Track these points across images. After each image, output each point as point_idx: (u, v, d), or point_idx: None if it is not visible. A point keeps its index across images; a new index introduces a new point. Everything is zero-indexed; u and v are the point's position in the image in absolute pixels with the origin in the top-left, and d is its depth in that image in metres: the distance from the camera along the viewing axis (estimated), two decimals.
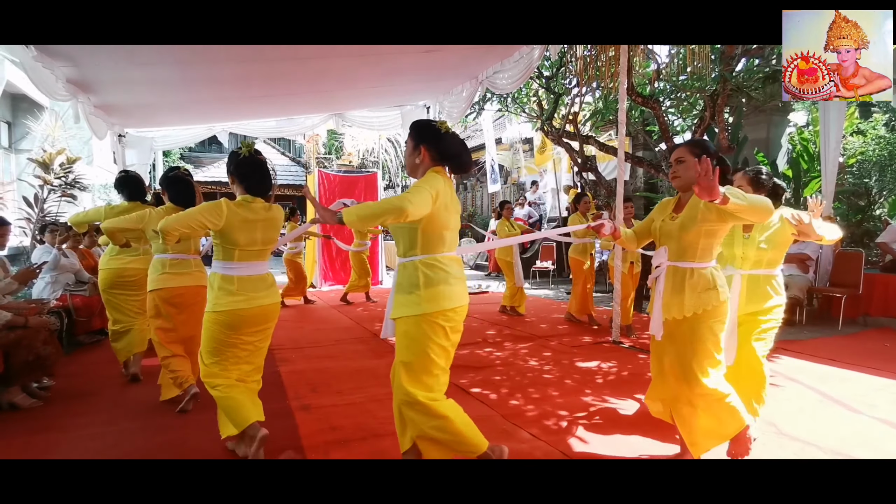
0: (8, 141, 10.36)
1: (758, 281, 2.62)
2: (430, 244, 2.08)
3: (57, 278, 4.95)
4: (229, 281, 2.44)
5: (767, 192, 2.58)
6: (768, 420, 2.93)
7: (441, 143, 2.15)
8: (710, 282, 2.22)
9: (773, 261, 2.64)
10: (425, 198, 1.95)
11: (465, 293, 2.18)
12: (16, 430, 2.89)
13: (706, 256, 2.24)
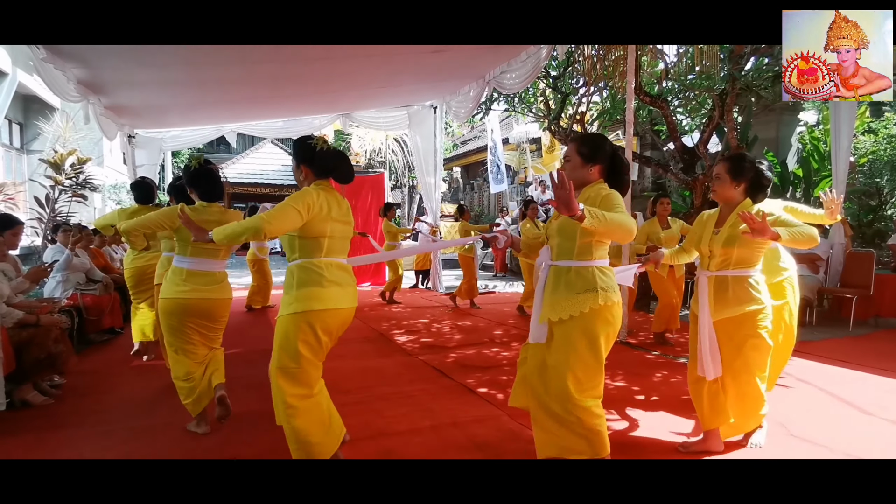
0: (20, 142, 10.48)
1: (725, 283, 2.42)
2: (307, 250, 2.23)
3: (68, 277, 4.99)
4: (179, 273, 2.76)
5: (749, 182, 2.42)
6: (778, 421, 2.91)
7: (317, 160, 2.32)
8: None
9: (744, 260, 2.41)
10: (287, 215, 2.12)
11: (345, 298, 2.27)
12: (28, 427, 2.92)
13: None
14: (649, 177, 10.38)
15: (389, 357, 4.55)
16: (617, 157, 2.18)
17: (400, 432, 2.83)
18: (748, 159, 2.48)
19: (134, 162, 8.03)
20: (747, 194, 2.45)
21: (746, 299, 2.39)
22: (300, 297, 2.18)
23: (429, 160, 8.86)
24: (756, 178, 2.42)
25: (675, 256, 2.76)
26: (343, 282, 2.29)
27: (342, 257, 2.33)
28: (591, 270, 2.07)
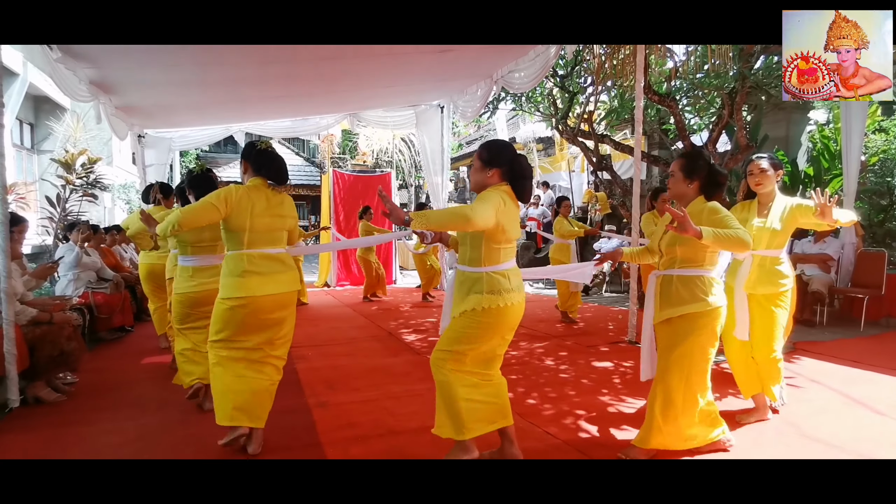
0: (30, 142, 10.57)
1: (670, 282, 2.42)
2: (231, 243, 2.53)
3: (79, 276, 5.04)
4: (186, 270, 3.18)
5: (703, 180, 2.36)
6: (790, 421, 2.90)
7: (252, 158, 2.62)
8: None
9: (689, 259, 2.37)
10: (203, 209, 2.44)
11: (267, 285, 2.49)
12: (41, 424, 2.95)
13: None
14: (657, 176, 10.33)
15: (398, 356, 4.56)
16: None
17: (410, 430, 2.83)
18: (703, 157, 2.43)
19: (144, 161, 8.08)
20: (701, 192, 2.39)
21: (689, 299, 2.30)
22: (224, 284, 2.51)
23: (436, 160, 8.86)
24: (710, 175, 2.37)
25: (638, 255, 2.74)
26: (268, 270, 2.52)
27: (270, 248, 2.56)
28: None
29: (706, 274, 2.33)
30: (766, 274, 2.82)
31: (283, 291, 2.55)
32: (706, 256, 2.33)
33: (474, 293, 2.18)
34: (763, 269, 2.82)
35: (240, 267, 2.48)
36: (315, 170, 19.86)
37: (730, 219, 2.24)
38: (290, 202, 2.69)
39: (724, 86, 6.09)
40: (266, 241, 2.54)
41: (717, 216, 2.26)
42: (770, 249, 2.84)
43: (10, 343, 3.05)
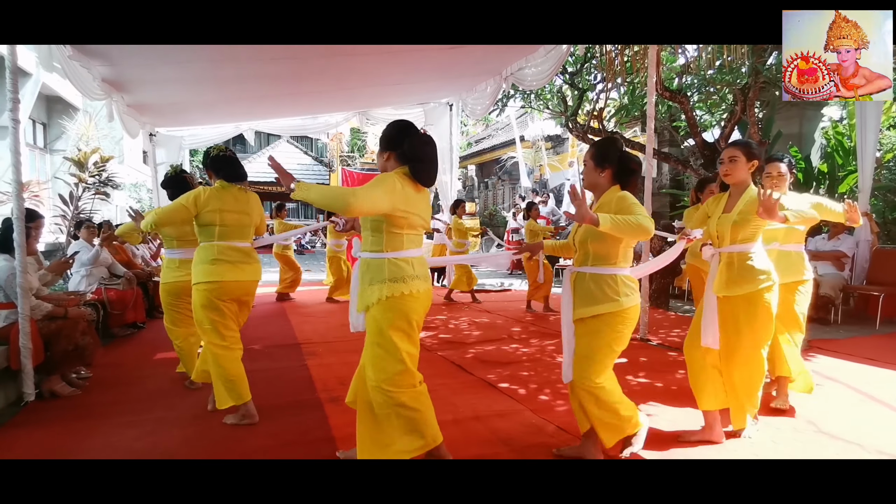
0: (43, 141, 10.69)
1: (583, 280, 2.33)
2: (203, 235, 2.92)
3: (91, 272, 5.08)
4: (173, 262, 3.42)
5: (616, 169, 2.27)
6: (808, 419, 2.86)
7: (210, 164, 3.02)
8: None
9: (601, 257, 2.27)
10: (175, 210, 2.87)
11: (233, 272, 2.86)
12: (57, 418, 2.97)
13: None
14: (667, 173, 10.27)
15: None
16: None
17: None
18: (615, 144, 2.31)
19: (155, 160, 8.14)
20: (615, 181, 2.28)
21: (601, 299, 2.20)
22: (196, 272, 2.85)
23: (444, 158, 8.84)
24: (622, 163, 2.26)
25: (560, 248, 2.69)
26: (235, 260, 2.89)
27: (238, 241, 2.94)
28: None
29: (619, 272, 2.22)
30: (737, 272, 2.53)
31: (247, 279, 2.93)
32: (619, 253, 2.21)
33: (376, 282, 2.09)
34: (731, 267, 2.55)
35: (210, 256, 2.85)
36: (323, 169, 19.94)
37: (636, 206, 2.15)
38: (255, 200, 3.08)
39: (737, 82, 6.04)
40: (234, 234, 2.92)
41: (625, 204, 2.16)
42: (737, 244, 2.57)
43: (25, 337, 3.08)
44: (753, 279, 2.48)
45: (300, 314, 6.52)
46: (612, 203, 2.21)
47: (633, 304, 2.22)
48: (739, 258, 2.52)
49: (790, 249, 3.02)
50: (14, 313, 3.16)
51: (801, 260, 3.03)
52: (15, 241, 3.10)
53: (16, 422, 2.91)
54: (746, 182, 2.58)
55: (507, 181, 17.24)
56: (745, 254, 2.51)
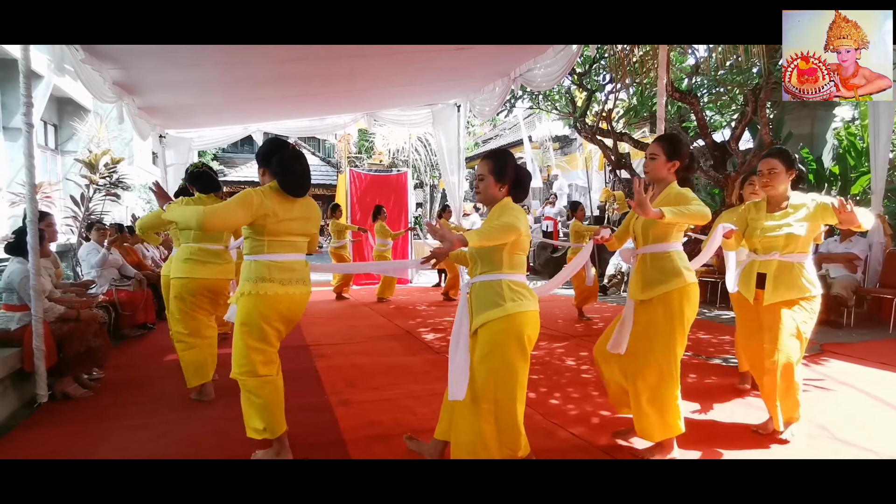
0: (54, 143, 10.78)
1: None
2: (183, 238, 3.37)
3: (102, 273, 5.13)
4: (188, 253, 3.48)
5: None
6: (821, 424, 2.83)
7: (188, 177, 3.58)
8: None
9: (489, 266, 2.24)
10: (152, 217, 3.46)
11: (201, 270, 3.27)
12: (71, 418, 3.00)
13: None
14: None
15: (416, 354, 4.55)
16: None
17: (432, 429, 2.80)
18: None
19: (165, 161, 8.20)
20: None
21: (487, 306, 2.10)
22: (174, 267, 3.35)
23: (452, 159, 8.84)
24: (517, 179, 2.22)
25: (461, 258, 2.62)
26: (205, 259, 3.30)
27: (209, 244, 3.32)
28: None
29: (504, 278, 2.11)
30: (650, 274, 2.44)
31: (215, 277, 3.33)
32: (503, 261, 2.12)
33: (243, 280, 2.39)
34: (645, 268, 2.47)
35: (184, 255, 3.31)
36: (331, 170, 19.98)
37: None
38: None
39: (748, 82, 5.99)
40: (207, 238, 3.30)
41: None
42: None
43: (38, 339, 3.10)
44: (667, 280, 2.34)
45: (308, 315, 6.52)
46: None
47: (519, 310, 2.08)
48: (653, 259, 2.41)
49: (791, 260, 2.60)
50: (27, 315, 3.19)
51: (802, 273, 2.59)
52: (28, 244, 3.13)
53: (29, 423, 2.94)
54: (667, 180, 2.46)
55: None
56: (658, 254, 2.39)
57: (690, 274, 2.38)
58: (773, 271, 2.62)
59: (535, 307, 2.14)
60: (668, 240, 2.40)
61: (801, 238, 2.58)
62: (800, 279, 2.59)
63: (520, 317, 2.08)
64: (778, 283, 2.61)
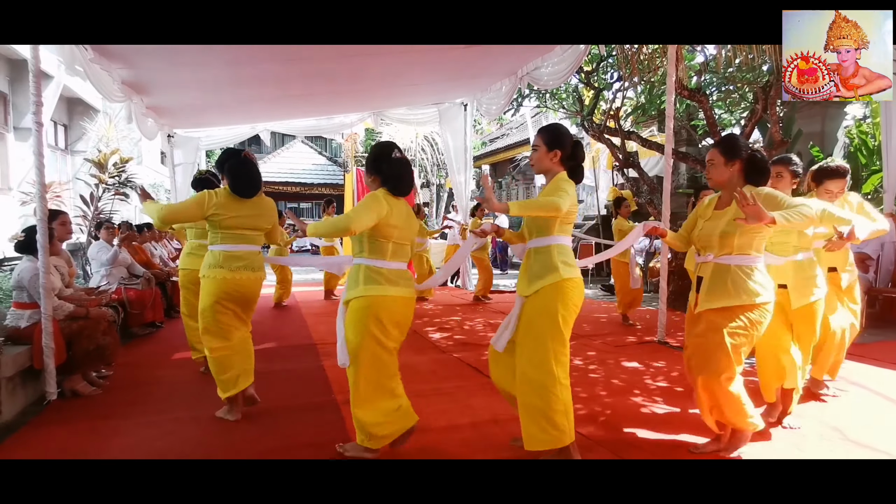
0: (64, 142, 10.87)
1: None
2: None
3: (111, 272, 5.16)
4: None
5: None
6: (833, 426, 2.79)
7: (194, 184, 3.87)
8: None
9: None
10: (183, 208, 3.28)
11: (199, 263, 3.23)
12: (80, 416, 3.01)
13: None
14: (684, 173, 10.13)
15: (423, 354, 4.54)
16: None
17: (440, 429, 2.82)
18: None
19: (173, 161, 8.24)
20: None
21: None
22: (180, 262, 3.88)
23: (459, 158, 8.83)
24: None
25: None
26: (202, 254, 3.30)
27: (205, 240, 3.35)
28: None
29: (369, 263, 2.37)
30: (534, 270, 2.40)
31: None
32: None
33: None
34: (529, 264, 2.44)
35: (187, 249, 3.83)
36: (337, 169, 20.03)
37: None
38: None
39: (758, 79, 5.93)
40: (205, 235, 3.34)
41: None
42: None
43: (48, 337, 3.13)
44: (544, 276, 2.28)
45: (316, 314, 6.54)
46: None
47: (370, 294, 2.36)
48: (535, 253, 2.36)
49: (727, 263, 2.32)
50: (37, 313, 3.21)
51: (742, 277, 2.29)
52: (38, 242, 3.15)
53: (38, 421, 2.96)
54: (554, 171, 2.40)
55: (521, 181, 17.16)
56: (541, 248, 2.34)
57: (569, 269, 2.27)
58: (707, 275, 2.36)
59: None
60: (551, 233, 2.31)
61: (736, 238, 2.26)
62: (739, 284, 2.25)
63: (367, 301, 2.34)
64: (710, 288, 2.33)
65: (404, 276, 2.44)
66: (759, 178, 2.35)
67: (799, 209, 2.12)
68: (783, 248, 2.79)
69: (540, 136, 2.42)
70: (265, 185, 3.10)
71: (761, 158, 2.35)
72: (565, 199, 2.19)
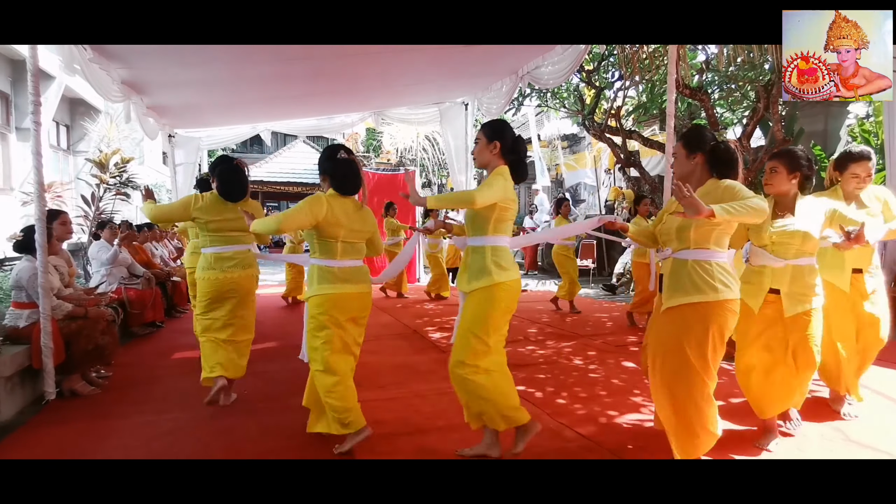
0: (67, 143, 10.89)
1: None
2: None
3: (111, 271, 5.15)
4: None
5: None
6: (835, 426, 2.77)
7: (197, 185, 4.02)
8: None
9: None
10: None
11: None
12: (78, 416, 3.01)
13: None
14: None
15: (423, 353, 4.53)
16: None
17: (438, 428, 2.80)
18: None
19: (174, 161, 8.24)
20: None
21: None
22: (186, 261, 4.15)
23: (460, 157, 8.81)
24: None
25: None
26: None
27: None
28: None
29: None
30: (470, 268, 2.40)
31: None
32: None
33: None
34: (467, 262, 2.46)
35: (190, 249, 4.04)
36: None
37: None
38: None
39: (760, 78, 5.90)
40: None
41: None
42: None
43: (46, 337, 3.12)
44: (480, 278, 2.29)
45: None
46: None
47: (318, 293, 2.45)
48: (472, 251, 2.36)
49: (684, 258, 2.18)
50: (36, 313, 3.21)
51: (696, 272, 2.14)
52: (36, 241, 3.14)
53: (37, 420, 2.96)
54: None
55: None
56: (477, 247, 2.34)
57: (501, 272, 2.27)
58: (667, 272, 2.24)
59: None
60: (486, 233, 2.30)
61: (692, 232, 2.12)
62: (697, 280, 2.10)
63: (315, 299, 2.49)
64: (668, 284, 2.21)
65: (358, 273, 2.55)
66: (724, 170, 2.18)
67: (747, 201, 1.97)
68: (784, 250, 2.50)
69: (482, 130, 2.42)
70: (267, 185, 3.18)
71: (725, 150, 2.19)
72: (485, 192, 2.18)
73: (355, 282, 2.51)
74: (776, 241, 2.51)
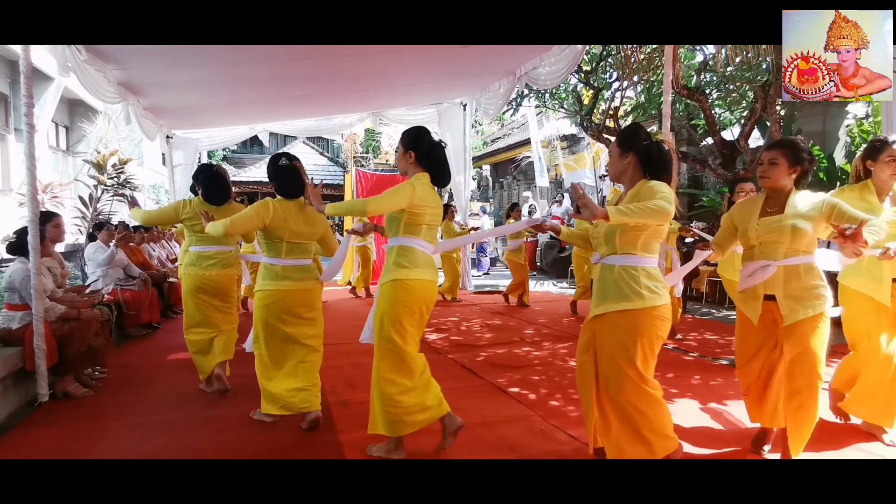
0: (65, 144, 10.91)
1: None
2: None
3: (108, 272, 5.15)
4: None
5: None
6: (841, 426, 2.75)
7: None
8: None
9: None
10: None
11: None
12: (71, 417, 3.01)
13: None
14: (685, 173, 10.08)
15: None
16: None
17: (430, 431, 2.78)
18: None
19: (172, 161, 8.25)
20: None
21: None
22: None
23: (458, 158, 8.80)
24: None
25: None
26: None
27: None
28: None
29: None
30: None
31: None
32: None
33: None
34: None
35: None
36: (338, 169, 20.02)
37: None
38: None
39: (758, 78, 5.89)
40: None
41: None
42: None
43: (39, 339, 3.12)
44: (385, 274, 2.43)
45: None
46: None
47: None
48: (389, 251, 2.48)
49: (611, 263, 2.11)
50: (28, 315, 3.20)
51: (625, 278, 2.06)
52: (29, 243, 3.14)
53: (30, 422, 2.96)
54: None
55: (521, 181, 17.11)
56: (392, 247, 2.45)
57: (402, 271, 2.36)
58: (596, 277, 2.19)
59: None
60: (397, 234, 2.41)
61: (617, 237, 2.06)
62: (622, 287, 2.03)
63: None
64: (596, 291, 2.15)
65: (301, 271, 2.82)
66: (656, 171, 2.09)
67: (647, 202, 1.89)
68: (773, 250, 2.26)
69: (400, 139, 2.53)
70: (266, 185, 3.25)
71: (658, 150, 2.10)
72: (379, 202, 2.31)
73: (297, 279, 2.77)
74: (763, 241, 2.29)
